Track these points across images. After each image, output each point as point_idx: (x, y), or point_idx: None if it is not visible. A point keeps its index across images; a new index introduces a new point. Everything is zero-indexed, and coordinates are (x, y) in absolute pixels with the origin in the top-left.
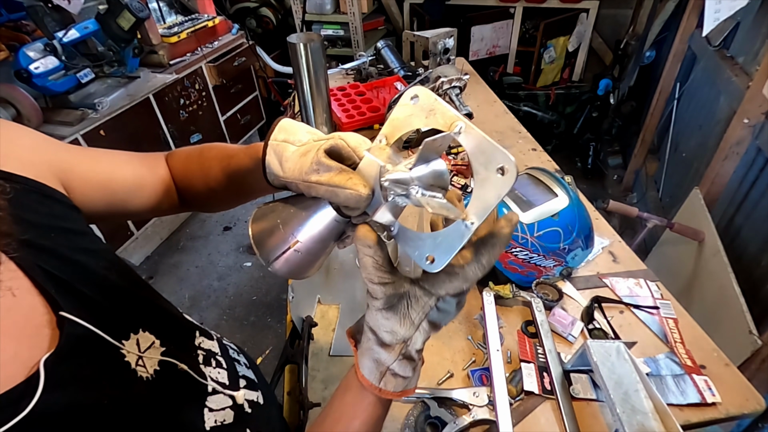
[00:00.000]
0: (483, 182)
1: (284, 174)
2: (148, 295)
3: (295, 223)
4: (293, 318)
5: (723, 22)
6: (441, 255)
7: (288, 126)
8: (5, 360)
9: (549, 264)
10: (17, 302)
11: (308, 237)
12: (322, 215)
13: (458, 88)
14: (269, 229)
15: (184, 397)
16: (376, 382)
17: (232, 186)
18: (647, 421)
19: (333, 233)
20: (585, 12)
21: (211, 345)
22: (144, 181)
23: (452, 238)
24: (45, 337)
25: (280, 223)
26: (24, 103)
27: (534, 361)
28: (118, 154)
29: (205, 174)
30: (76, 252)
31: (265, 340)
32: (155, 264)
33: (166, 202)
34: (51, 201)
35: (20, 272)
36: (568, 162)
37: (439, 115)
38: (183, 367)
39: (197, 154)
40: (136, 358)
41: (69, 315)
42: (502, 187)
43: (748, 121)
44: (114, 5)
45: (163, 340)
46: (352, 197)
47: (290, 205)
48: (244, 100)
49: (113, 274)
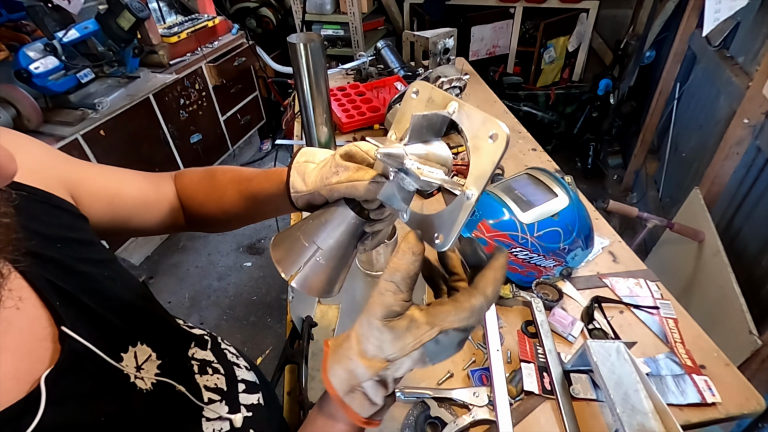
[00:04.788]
0: (477, 151)
1: (307, 187)
2: (148, 306)
3: (315, 230)
4: (293, 318)
5: (723, 22)
6: (447, 231)
7: (308, 150)
8: (6, 375)
9: (549, 264)
10: (21, 315)
11: (329, 242)
12: (340, 217)
13: (458, 88)
14: (289, 244)
15: (180, 412)
16: (341, 394)
17: (249, 208)
18: (647, 421)
19: (352, 234)
20: (585, 12)
21: (205, 354)
22: (149, 200)
23: (455, 212)
24: (46, 351)
25: (300, 234)
26: (24, 103)
27: (534, 361)
28: (125, 171)
29: (219, 197)
30: (81, 263)
31: (265, 340)
32: (155, 264)
33: (170, 222)
34: (59, 211)
35: (25, 283)
36: (568, 162)
37: (437, 101)
38: (180, 389)
39: (209, 176)
40: (134, 371)
41: (70, 332)
42: (495, 152)
43: (748, 121)
44: (114, 5)
45: (159, 353)
46: (371, 187)
47: (308, 218)
48: (244, 100)
49: (117, 284)
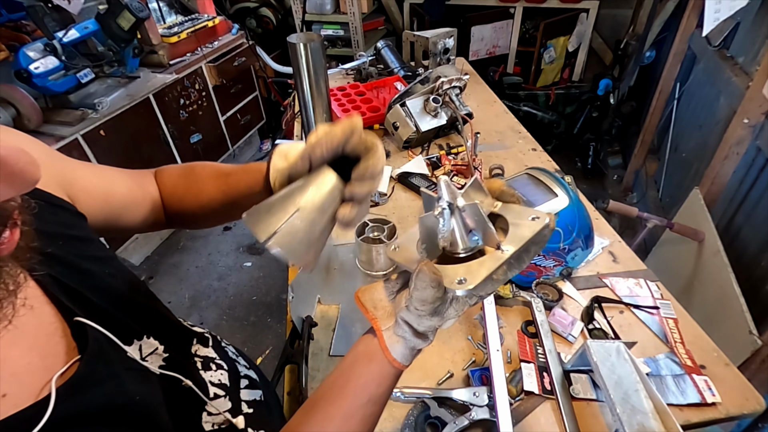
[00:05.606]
0: (517, 225)
1: (288, 161)
2: (149, 302)
3: (293, 194)
4: (293, 318)
5: (723, 22)
6: (473, 277)
7: (286, 144)
8: (20, 371)
9: (549, 264)
10: (30, 313)
11: (308, 204)
12: (320, 178)
13: (458, 88)
14: (266, 209)
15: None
16: (407, 363)
17: (227, 203)
18: (647, 421)
19: (333, 197)
20: (585, 12)
21: (207, 351)
22: (136, 198)
23: (488, 262)
24: (57, 346)
25: (277, 200)
26: (24, 103)
27: (534, 361)
28: (112, 169)
29: (197, 192)
30: (83, 260)
31: (265, 340)
32: (155, 264)
33: (152, 219)
34: (58, 209)
35: (32, 282)
36: (568, 162)
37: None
38: (187, 383)
39: (188, 172)
40: (140, 361)
41: (86, 321)
42: (535, 226)
43: (748, 121)
44: (114, 5)
45: (166, 347)
46: (346, 123)
47: (286, 188)
48: (244, 100)
49: (118, 281)
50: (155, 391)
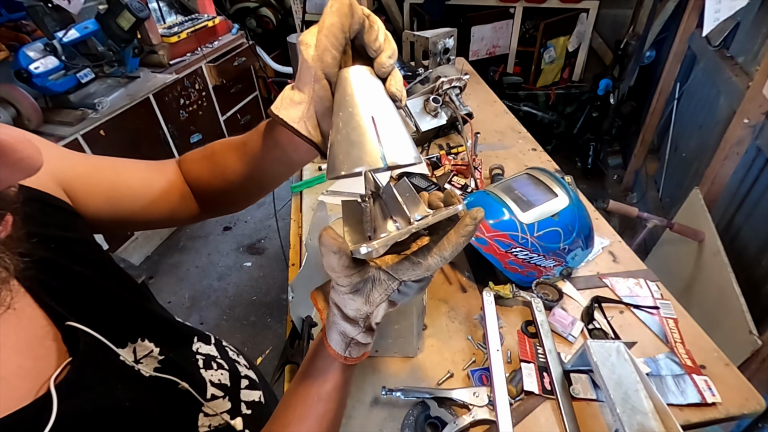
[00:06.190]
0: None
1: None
2: (145, 304)
3: (354, 111)
4: (293, 318)
5: (723, 22)
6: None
7: (280, 97)
8: (11, 375)
9: (549, 264)
10: (17, 316)
11: (372, 105)
12: (356, 80)
13: (458, 88)
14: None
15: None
16: (342, 352)
17: (255, 171)
18: (647, 421)
19: (379, 84)
20: (585, 12)
21: (209, 349)
22: (152, 188)
23: (395, 232)
24: (48, 350)
25: (344, 125)
26: (24, 103)
27: (534, 361)
28: (123, 160)
29: (222, 169)
30: (75, 263)
31: (265, 340)
32: (155, 264)
33: (180, 210)
34: (53, 209)
35: (18, 285)
36: (568, 162)
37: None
38: (184, 385)
39: (209, 153)
40: (133, 364)
41: (78, 325)
42: (449, 211)
43: (748, 121)
44: (114, 5)
45: (162, 348)
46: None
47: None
48: (244, 100)
49: (111, 283)
50: (147, 396)
